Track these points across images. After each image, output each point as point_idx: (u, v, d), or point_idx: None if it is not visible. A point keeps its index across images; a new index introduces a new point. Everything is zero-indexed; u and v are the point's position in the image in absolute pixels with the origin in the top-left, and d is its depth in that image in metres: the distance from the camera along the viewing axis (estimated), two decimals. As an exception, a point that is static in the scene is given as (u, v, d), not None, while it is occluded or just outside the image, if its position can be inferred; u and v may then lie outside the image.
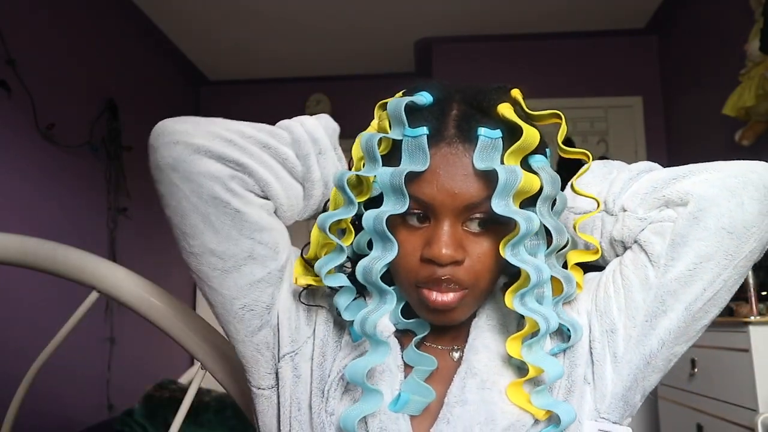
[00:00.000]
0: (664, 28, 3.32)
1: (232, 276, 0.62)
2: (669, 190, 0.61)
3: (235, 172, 0.61)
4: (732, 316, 1.95)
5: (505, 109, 0.60)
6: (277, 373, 0.65)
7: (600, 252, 0.65)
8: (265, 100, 4.08)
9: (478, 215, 0.59)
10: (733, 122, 2.30)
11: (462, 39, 3.50)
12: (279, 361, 0.65)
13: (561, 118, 0.62)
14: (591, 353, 0.62)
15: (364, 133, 0.63)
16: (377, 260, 0.58)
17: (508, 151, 0.58)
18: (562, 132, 0.62)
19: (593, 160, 0.67)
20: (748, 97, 2.12)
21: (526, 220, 0.56)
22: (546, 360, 0.60)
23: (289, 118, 0.72)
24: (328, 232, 0.60)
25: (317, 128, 0.68)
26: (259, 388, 0.66)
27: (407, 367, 0.64)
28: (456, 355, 0.66)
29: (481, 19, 3.30)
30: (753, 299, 1.86)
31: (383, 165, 0.59)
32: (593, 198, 0.65)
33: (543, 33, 3.44)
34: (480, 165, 0.57)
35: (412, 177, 0.58)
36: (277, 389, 0.65)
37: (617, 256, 0.66)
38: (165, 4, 3.13)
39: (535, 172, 0.59)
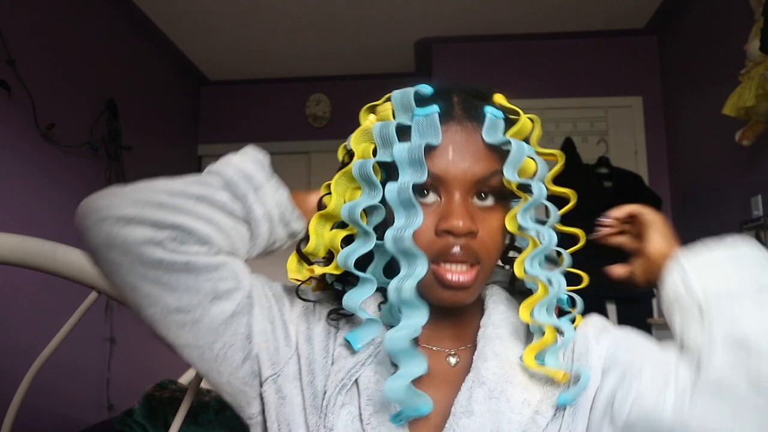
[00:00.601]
0: (664, 28, 3.32)
1: (204, 323, 0.60)
2: (758, 360, 0.55)
3: (173, 233, 0.59)
4: (732, 316, 1.95)
5: (501, 98, 0.66)
6: (261, 398, 0.64)
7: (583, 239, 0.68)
8: (265, 100, 4.08)
9: (486, 190, 0.62)
10: (733, 122, 2.30)
11: (462, 39, 3.50)
12: (262, 386, 0.63)
13: (536, 121, 0.66)
14: (593, 402, 0.62)
15: (375, 123, 0.63)
16: (404, 228, 0.58)
17: (509, 132, 0.63)
18: (536, 135, 0.66)
19: (563, 159, 0.69)
20: (748, 97, 2.12)
21: (538, 187, 0.62)
22: (558, 321, 0.63)
23: (289, 118, 0.72)
24: (359, 220, 0.61)
25: (247, 164, 0.66)
26: (251, 418, 0.65)
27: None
28: (453, 360, 0.66)
29: (481, 19, 3.30)
30: (753, 299, 1.86)
31: (377, 161, 0.62)
32: (566, 194, 0.67)
33: (543, 33, 3.44)
34: (490, 139, 0.61)
35: (425, 153, 0.60)
36: (263, 414, 0.64)
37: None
38: (165, 4, 3.13)
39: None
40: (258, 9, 3.18)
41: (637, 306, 3.09)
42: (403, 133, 0.61)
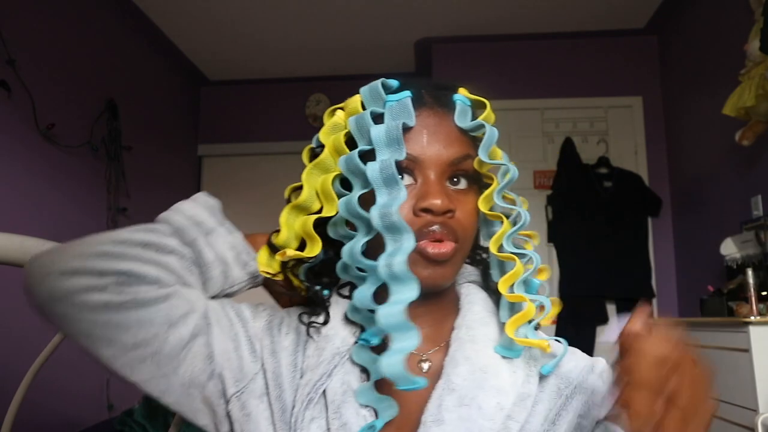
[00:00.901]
0: (664, 28, 3.32)
1: (164, 353, 0.59)
2: None
3: (119, 278, 0.58)
4: (732, 316, 1.95)
5: (464, 91, 0.67)
6: (229, 415, 0.63)
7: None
8: (265, 100, 4.08)
9: (459, 173, 0.63)
10: (733, 122, 2.30)
11: (462, 39, 3.50)
12: (228, 404, 0.62)
13: (486, 107, 0.67)
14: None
15: (350, 118, 0.63)
16: (390, 204, 0.57)
17: (478, 118, 0.65)
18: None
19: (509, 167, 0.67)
20: (748, 97, 2.12)
21: (512, 168, 0.64)
22: (538, 298, 0.63)
23: (289, 118, 0.72)
24: (360, 210, 0.59)
25: (197, 210, 0.66)
26: None
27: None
28: (425, 366, 0.64)
29: (481, 19, 3.30)
30: (753, 299, 1.86)
31: (358, 151, 0.61)
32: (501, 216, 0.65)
33: (543, 33, 3.44)
34: (462, 124, 0.63)
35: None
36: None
37: None
38: (165, 4, 3.13)
39: None
40: (258, 9, 3.18)
41: (638, 306, 3.09)
42: (376, 122, 0.62)
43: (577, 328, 2.99)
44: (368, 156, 0.61)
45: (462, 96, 0.65)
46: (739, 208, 2.48)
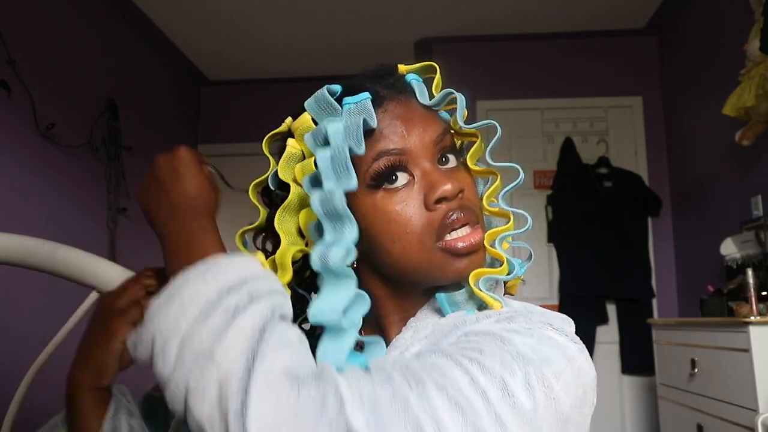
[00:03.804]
0: (664, 29, 3.32)
1: None
2: None
3: None
4: (732, 316, 1.95)
5: (404, 67, 0.65)
6: None
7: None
8: (265, 100, 4.08)
9: (445, 151, 0.61)
10: (733, 122, 2.30)
11: (462, 39, 3.50)
12: None
13: (436, 71, 0.65)
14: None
15: (306, 135, 0.59)
16: (334, 190, 0.53)
17: (434, 87, 0.63)
18: (460, 110, 0.62)
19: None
20: (748, 97, 2.12)
21: (495, 126, 0.62)
22: (515, 260, 0.61)
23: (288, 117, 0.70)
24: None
25: None
26: None
27: None
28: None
29: (481, 19, 3.30)
30: (753, 299, 1.86)
31: (310, 176, 0.57)
32: (507, 215, 0.62)
33: (543, 33, 3.44)
34: (430, 102, 0.61)
35: (376, 138, 0.58)
36: None
37: None
38: (165, 4, 3.13)
39: None
40: (258, 9, 3.18)
41: (637, 306, 3.09)
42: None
43: (576, 328, 2.99)
44: None
45: (413, 75, 0.63)
46: (739, 208, 2.48)
